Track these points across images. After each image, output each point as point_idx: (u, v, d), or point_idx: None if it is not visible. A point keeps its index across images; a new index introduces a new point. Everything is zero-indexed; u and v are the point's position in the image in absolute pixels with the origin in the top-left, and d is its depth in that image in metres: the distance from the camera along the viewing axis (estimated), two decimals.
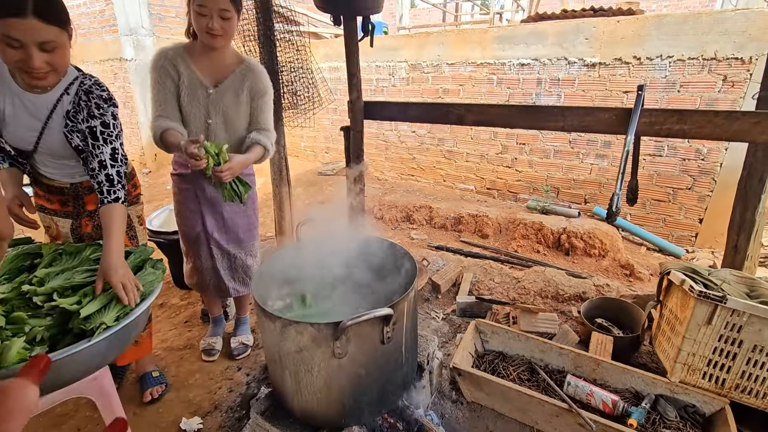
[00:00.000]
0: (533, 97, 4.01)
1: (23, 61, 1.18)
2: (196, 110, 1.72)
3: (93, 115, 1.37)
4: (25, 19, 1.12)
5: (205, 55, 1.70)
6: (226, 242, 1.95)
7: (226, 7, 1.55)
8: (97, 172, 1.38)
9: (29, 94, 1.34)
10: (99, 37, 6.58)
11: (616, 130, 1.38)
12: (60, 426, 1.75)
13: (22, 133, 1.36)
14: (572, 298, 2.47)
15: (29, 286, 1.24)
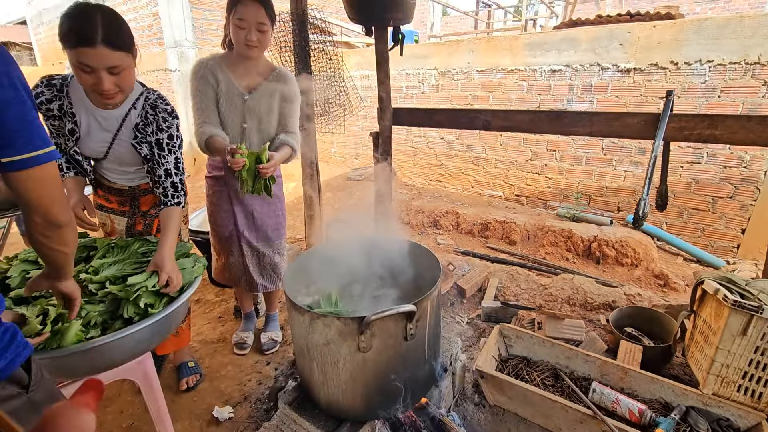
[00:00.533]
0: (564, 104, 3.96)
1: (95, 84, 1.31)
2: (233, 115, 1.85)
3: (161, 128, 1.52)
4: (95, 48, 1.24)
5: (240, 64, 1.83)
6: (256, 240, 2.06)
7: (263, 20, 1.68)
8: (163, 179, 1.54)
9: (101, 110, 1.48)
10: (146, 50, 7.02)
11: (645, 136, 1.37)
12: (105, 408, 1.88)
13: (95, 145, 1.52)
14: (601, 307, 2.42)
15: (85, 275, 1.37)
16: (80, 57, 1.25)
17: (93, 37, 1.22)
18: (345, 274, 1.72)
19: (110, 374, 1.39)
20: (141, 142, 1.52)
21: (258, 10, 1.66)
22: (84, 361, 1.24)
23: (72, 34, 1.23)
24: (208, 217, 2.11)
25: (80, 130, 1.48)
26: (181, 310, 1.46)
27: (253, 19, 1.66)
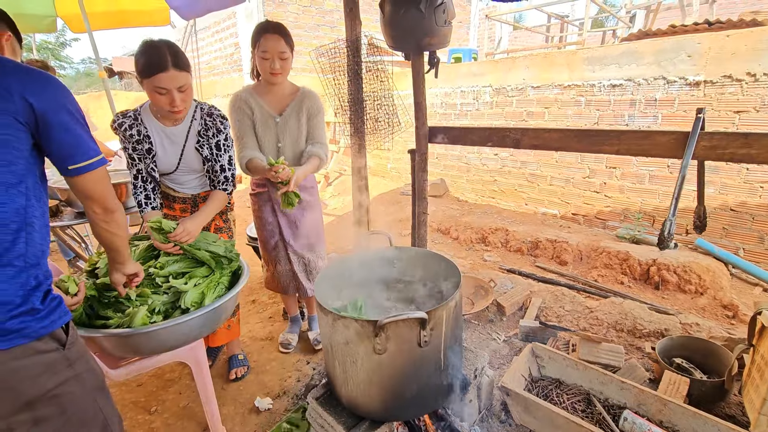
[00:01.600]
0: (625, 119, 3.77)
1: (170, 103, 1.62)
2: (269, 136, 2.08)
3: (219, 131, 1.84)
4: (168, 72, 1.55)
5: (269, 90, 2.07)
6: (301, 248, 2.25)
7: (283, 50, 1.92)
8: (218, 173, 1.86)
9: (168, 128, 1.79)
10: (228, 75, 7.83)
11: (675, 154, 1.33)
12: (167, 389, 2.16)
13: (170, 159, 1.82)
14: (652, 335, 2.27)
15: (153, 269, 1.62)
16: (156, 82, 1.56)
17: (165, 64, 1.54)
18: (374, 281, 1.83)
19: (168, 356, 1.63)
20: (203, 145, 1.82)
21: (278, 41, 1.90)
22: (147, 342, 1.48)
23: (148, 66, 1.55)
24: (256, 231, 2.34)
25: (156, 148, 1.78)
26: (229, 304, 1.67)
27: (274, 50, 1.90)
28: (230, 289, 1.68)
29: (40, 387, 0.94)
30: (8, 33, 1.20)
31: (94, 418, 1.07)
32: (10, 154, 0.91)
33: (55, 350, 0.97)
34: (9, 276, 0.90)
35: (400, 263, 1.88)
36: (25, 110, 0.92)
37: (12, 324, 0.88)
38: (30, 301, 0.92)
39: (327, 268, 1.73)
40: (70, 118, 1.00)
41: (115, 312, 1.50)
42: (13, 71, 0.94)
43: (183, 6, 3.47)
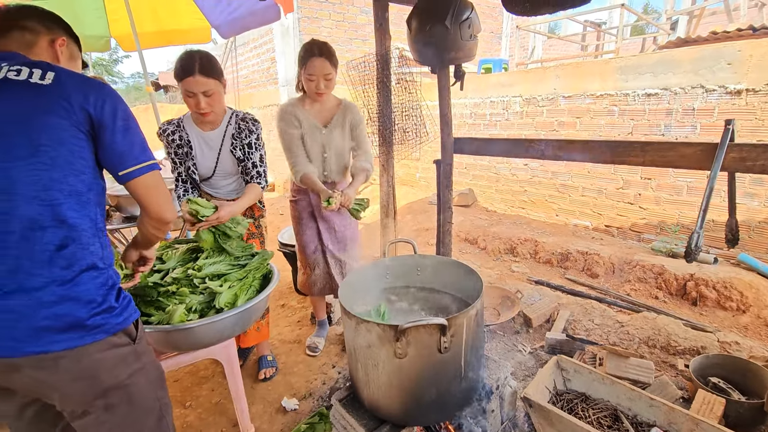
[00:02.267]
0: (661, 129, 3.65)
1: (196, 106, 1.81)
2: (316, 148, 2.18)
3: (251, 131, 1.98)
4: (194, 77, 1.75)
5: (313, 103, 2.18)
6: (338, 251, 2.35)
7: (328, 71, 2.04)
8: (250, 170, 2.00)
9: (205, 133, 1.96)
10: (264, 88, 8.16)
11: (702, 166, 1.31)
12: (201, 385, 2.27)
13: (207, 162, 1.98)
14: (686, 352, 2.19)
15: (192, 271, 1.74)
16: (185, 85, 1.77)
17: (192, 70, 1.74)
18: (398, 288, 1.88)
19: (203, 353, 1.73)
20: (236, 147, 1.97)
21: (323, 63, 2.01)
22: (184, 338, 1.58)
23: (180, 71, 1.76)
24: (295, 236, 2.45)
25: (194, 151, 1.95)
26: (260, 306, 1.76)
27: (320, 72, 2.02)
28: (261, 291, 1.78)
29: (115, 377, 1.03)
30: (62, 38, 1.17)
31: (153, 408, 1.15)
32: (79, 163, 0.98)
33: (127, 344, 1.06)
34: (93, 277, 0.98)
35: (424, 271, 1.92)
36: (86, 120, 0.98)
37: (95, 320, 0.97)
38: (108, 299, 1.01)
39: (352, 274, 1.80)
40: (123, 125, 1.03)
41: (156, 310, 1.62)
42: (71, 83, 0.99)
43: (223, 25, 3.69)
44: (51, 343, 0.91)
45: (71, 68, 1.16)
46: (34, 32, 1.11)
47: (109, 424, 1.06)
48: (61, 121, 0.95)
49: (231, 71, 9.02)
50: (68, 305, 0.93)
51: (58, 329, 0.91)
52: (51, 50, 1.14)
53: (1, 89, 0.93)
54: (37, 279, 0.90)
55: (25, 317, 0.89)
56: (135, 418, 1.10)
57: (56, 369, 0.94)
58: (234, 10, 3.49)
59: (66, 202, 0.95)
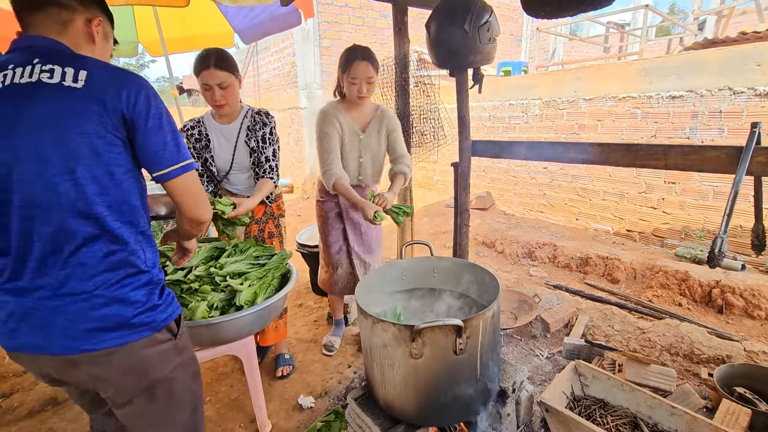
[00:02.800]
0: (686, 132, 3.56)
1: (211, 98, 1.90)
2: (352, 152, 2.23)
3: (265, 124, 2.05)
4: (209, 70, 1.85)
5: (352, 108, 2.22)
6: (363, 252, 2.38)
7: (371, 75, 2.07)
8: (263, 163, 2.05)
9: (223, 126, 2.05)
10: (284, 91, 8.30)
11: (726, 170, 1.29)
12: (220, 381, 2.33)
13: (224, 155, 2.06)
14: (711, 361, 2.13)
15: (214, 269, 1.79)
16: (202, 78, 1.87)
17: (208, 64, 1.85)
18: (414, 290, 1.89)
19: (223, 349, 1.78)
20: (250, 138, 2.05)
21: (366, 67, 2.05)
22: (205, 334, 1.63)
23: (198, 65, 1.88)
24: (320, 235, 2.49)
25: (212, 143, 2.04)
26: (278, 304, 1.80)
27: (363, 76, 2.05)
28: (279, 290, 1.82)
29: (160, 371, 1.09)
30: (99, 17, 1.08)
31: (190, 400, 1.20)
32: (118, 172, 0.98)
33: (168, 340, 1.11)
34: (137, 279, 1.03)
35: (441, 273, 1.92)
36: (120, 124, 0.96)
37: (140, 319, 1.02)
38: (152, 299, 1.05)
39: (368, 275, 1.81)
40: (155, 124, 0.99)
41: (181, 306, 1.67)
42: (104, 81, 0.95)
43: (245, 30, 3.77)
44: (103, 341, 0.98)
45: (105, 48, 1.12)
46: (71, 9, 1.02)
47: (149, 414, 1.12)
48: (96, 128, 0.93)
49: (252, 75, 9.20)
50: (115, 307, 0.99)
51: (109, 329, 0.98)
52: (87, 30, 1.05)
53: (35, 94, 0.91)
54: (87, 284, 0.96)
55: (78, 318, 0.96)
56: (173, 410, 1.16)
57: (109, 364, 1.01)
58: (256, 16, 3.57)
59: (109, 214, 0.98)
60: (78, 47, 1.03)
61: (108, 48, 1.15)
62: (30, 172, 0.91)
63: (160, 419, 1.14)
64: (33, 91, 0.91)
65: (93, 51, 1.07)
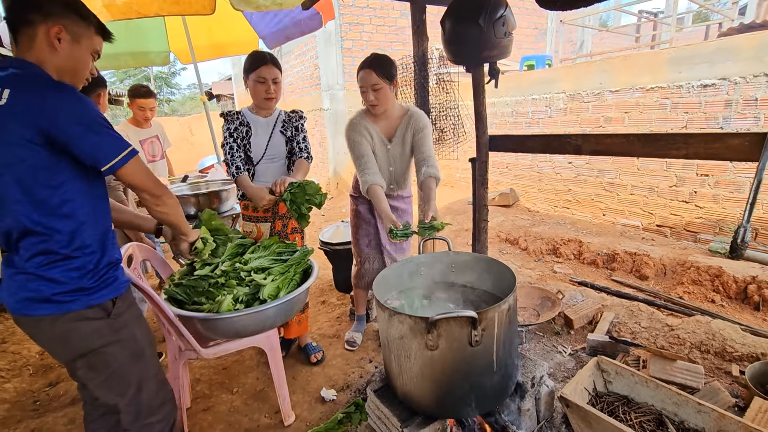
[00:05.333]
0: (719, 122, 3.41)
1: (266, 91, 2.08)
2: (381, 162, 2.25)
3: (300, 117, 2.29)
4: (267, 65, 2.05)
5: (379, 117, 2.22)
6: (395, 251, 2.43)
7: (375, 82, 2.04)
8: (297, 149, 2.25)
9: (261, 119, 2.21)
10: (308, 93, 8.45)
11: (751, 157, 1.24)
12: (247, 374, 2.42)
13: (261, 142, 2.20)
14: (744, 359, 2.05)
15: (239, 264, 1.87)
16: (259, 72, 2.05)
17: (266, 60, 2.07)
18: (432, 284, 1.91)
19: (248, 341, 1.86)
20: (287, 129, 2.25)
21: (369, 75, 2.04)
22: (231, 326, 1.71)
23: (254, 61, 2.07)
24: (351, 228, 2.54)
25: (251, 131, 2.19)
26: (300, 298, 1.87)
27: (367, 84, 2.05)
28: (301, 285, 1.88)
29: (88, 344, 1.21)
30: (57, 26, 1.12)
31: (132, 377, 1.31)
32: (42, 175, 1.09)
33: (100, 318, 1.22)
34: (63, 265, 1.15)
35: (459, 267, 1.94)
36: (40, 135, 1.05)
37: (62, 297, 1.15)
38: (81, 281, 1.17)
39: (387, 269, 1.85)
40: (82, 127, 1.08)
41: (207, 300, 1.76)
42: (24, 99, 1.04)
43: (269, 35, 3.89)
44: (34, 310, 1.15)
45: (73, 53, 1.16)
46: (33, 25, 1.10)
47: (95, 380, 1.27)
48: (18, 139, 1.04)
49: None
50: (42, 283, 1.14)
51: (37, 300, 1.14)
52: (47, 43, 1.12)
53: None
54: (28, 264, 1.13)
55: (21, 288, 1.15)
56: (117, 380, 1.28)
57: (39, 330, 1.19)
58: (279, 21, 3.68)
59: (37, 210, 1.10)
60: (43, 59, 1.13)
61: (78, 50, 1.18)
62: None
63: (107, 387, 1.28)
64: None
65: (58, 59, 1.15)
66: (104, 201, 1.27)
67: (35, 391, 2.43)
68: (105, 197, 1.28)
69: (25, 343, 2.93)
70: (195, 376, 2.41)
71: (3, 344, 2.91)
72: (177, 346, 1.84)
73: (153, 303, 1.58)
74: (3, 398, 2.36)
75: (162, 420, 1.38)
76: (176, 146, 8.09)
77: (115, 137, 1.15)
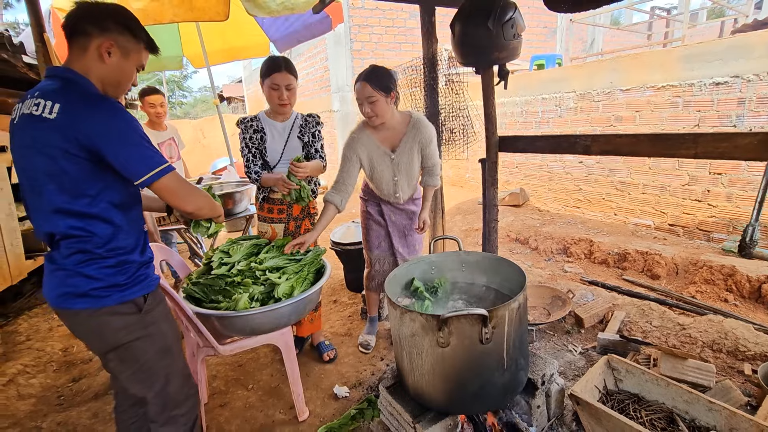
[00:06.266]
0: (732, 120, 3.37)
1: (279, 97, 2.11)
2: (386, 172, 2.26)
3: (317, 122, 2.32)
4: (281, 72, 2.09)
5: (379, 129, 2.21)
6: (408, 253, 2.46)
7: (370, 94, 2.03)
8: (314, 153, 2.29)
9: (278, 123, 2.25)
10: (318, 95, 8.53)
11: (758, 157, 1.26)
12: (262, 371, 2.48)
13: (277, 146, 2.24)
14: (757, 358, 2.04)
15: (254, 264, 1.93)
16: (273, 79, 2.09)
17: (280, 66, 2.09)
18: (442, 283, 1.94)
19: (263, 338, 1.91)
20: (304, 134, 2.28)
21: (364, 87, 2.03)
22: (247, 324, 1.77)
23: (269, 67, 2.10)
24: (362, 230, 2.57)
25: (267, 136, 2.23)
26: (313, 297, 1.92)
27: (363, 96, 2.05)
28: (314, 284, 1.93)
29: (119, 338, 1.27)
30: (109, 41, 1.19)
31: (159, 371, 1.37)
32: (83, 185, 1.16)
33: (133, 313, 1.28)
34: (99, 263, 1.21)
35: (468, 267, 1.97)
36: (81, 148, 1.12)
37: (100, 292, 1.22)
38: (117, 277, 1.24)
39: (398, 268, 1.89)
40: (118, 143, 1.15)
41: (224, 298, 1.81)
42: (71, 114, 1.11)
43: (279, 39, 3.96)
44: (72, 304, 1.22)
45: (120, 66, 1.23)
46: (89, 36, 1.17)
47: (125, 373, 1.33)
48: (61, 152, 1.11)
49: None
50: (80, 279, 1.21)
51: (75, 294, 1.21)
52: (97, 54, 1.19)
53: (23, 125, 1.15)
54: (67, 261, 1.20)
55: (62, 284, 1.22)
56: (146, 374, 1.34)
57: (77, 322, 1.27)
58: (290, 25, 3.75)
59: (77, 216, 1.18)
60: (89, 69, 1.20)
61: (127, 64, 1.27)
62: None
63: (135, 380, 1.34)
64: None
65: (105, 70, 1.22)
66: (138, 207, 1.34)
67: (59, 387, 2.52)
68: (139, 204, 1.35)
69: (48, 341, 3.03)
70: (212, 373, 2.47)
71: (27, 341, 3.01)
72: (195, 342, 1.90)
73: (172, 301, 1.64)
74: (29, 393, 2.45)
75: (186, 413, 1.43)
76: (189, 148, 8.24)
77: (150, 153, 1.20)
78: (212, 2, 2.40)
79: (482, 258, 1.94)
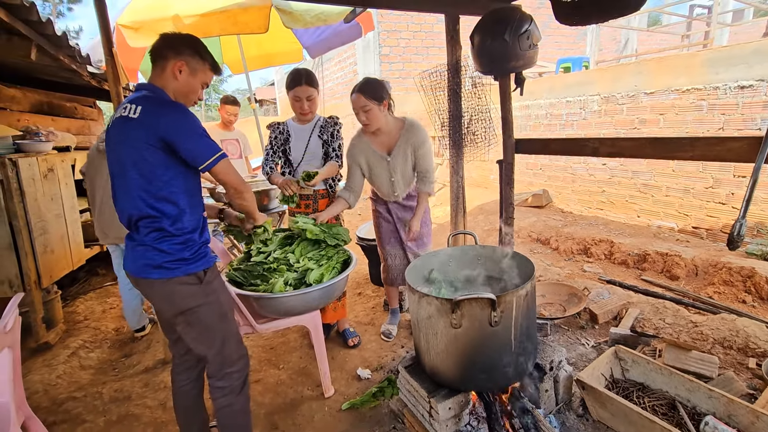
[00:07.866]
0: (757, 123, 3.36)
1: (300, 107, 2.38)
2: (383, 174, 2.51)
3: (335, 123, 2.55)
4: (301, 86, 2.34)
5: (376, 134, 2.45)
6: (417, 247, 2.64)
7: (364, 104, 2.26)
8: (332, 153, 2.51)
9: (301, 126, 2.51)
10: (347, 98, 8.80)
11: (748, 158, 1.36)
12: (292, 353, 2.70)
13: (299, 147, 2.50)
14: (766, 355, 2.10)
15: (290, 254, 2.15)
16: (295, 92, 2.36)
17: (300, 81, 2.34)
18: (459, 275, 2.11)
19: (295, 320, 2.13)
20: (323, 133, 2.51)
21: (358, 98, 2.27)
22: (282, 305, 1.99)
23: (291, 82, 2.36)
24: (374, 228, 2.79)
25: (291, 137, 2.50)
26: (340, 284, 2.12)
27: (357, 105, 2.28)
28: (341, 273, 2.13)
29: (186, 304, 1.51)
30: (180, 62, 1.47)
31: (218, 333, 1.60)
32: (159, 171, 1.41)
33: (195, 284, 1.51)
34: (171, 240, 1.46)
35: (484, 260, 2.12)
36: (159, 140, 1.39)
37: (170, 264, 1.46)
38: (182, 253, 1.47)
39: (417, 260, 2.06)
40: (187, 135, 1.41)
41: (262, 282, 2.04)
42: (149, 113, 1.39)
43: (312, 46, 4.22)
44: (149, 274, 1.46)
45: (188, 82, 1.51)
46: (166, 59, 1.47)
47: (191, 334, 1.56)
48: (144, 144, 1.38)
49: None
50: (156, 253, 1.45)
51: (152, 266, 1.45)
52: (172, 72, 1.48)
53: (116, 125, 1.44)
54: (146, 238, 1.45)
55: (141, 257, 1.46)
56: (207, 335, 1.57)
57: (152, 290, 1.50)
58: (321, 33, 3.99)
59: (153, 197, 1.42)
60: (166, 84, 1.49)
61: (193, 81, 1.54)
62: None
63: (199, 339, 1.58)
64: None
65: (176, 85, 1.50)
66: (199, 195, 1.60)
67: (114, 361, 2.83)
68: (200, 192, 1.61)
69: (102, 321, 3.38)
70: None
71: (85, 320, 3.37)
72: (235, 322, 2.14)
73: None
74: (89, 365, 2.78)
75: (239, 371, 1.66)
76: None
77: (210, 143, 1.46)
78: (253, 17, 2.66)
79: (497, 252, 2.09)
